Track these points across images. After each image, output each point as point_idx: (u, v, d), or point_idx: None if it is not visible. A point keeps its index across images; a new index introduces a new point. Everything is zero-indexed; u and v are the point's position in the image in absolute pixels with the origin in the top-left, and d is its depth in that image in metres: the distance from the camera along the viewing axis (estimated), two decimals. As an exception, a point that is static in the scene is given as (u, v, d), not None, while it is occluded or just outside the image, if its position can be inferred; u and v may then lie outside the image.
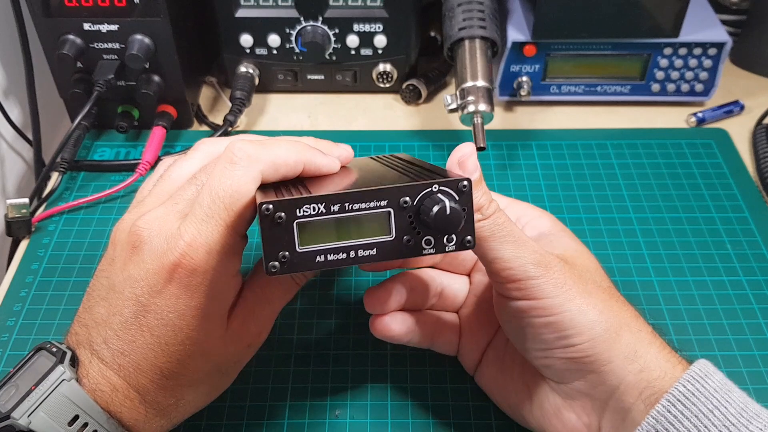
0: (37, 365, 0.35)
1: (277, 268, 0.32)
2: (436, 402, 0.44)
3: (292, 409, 0.44)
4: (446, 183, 0.33)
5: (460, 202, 0.33)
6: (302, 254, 0.33)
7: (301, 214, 0.32)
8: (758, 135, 0.61)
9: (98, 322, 0.36)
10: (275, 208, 0.32)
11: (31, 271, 0.52)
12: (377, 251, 0.33)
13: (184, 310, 0.34)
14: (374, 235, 0.33)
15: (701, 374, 0.35)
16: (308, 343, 0.47)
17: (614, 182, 0.59)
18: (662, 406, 0.34)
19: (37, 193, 0.58)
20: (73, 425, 0.33)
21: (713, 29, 0.63)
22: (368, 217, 0.33)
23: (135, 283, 0.35)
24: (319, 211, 0.32)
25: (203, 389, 0.38)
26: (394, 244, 0.33)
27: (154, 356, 0.35)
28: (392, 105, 0.67)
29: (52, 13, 0.56)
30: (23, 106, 0.64)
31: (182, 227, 0.34)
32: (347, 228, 0.33)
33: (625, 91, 0.65)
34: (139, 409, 0.35)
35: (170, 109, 0.62)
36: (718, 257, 0.53)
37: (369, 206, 0.33)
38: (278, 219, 0.32)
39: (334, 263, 0.33)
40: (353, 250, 0.33)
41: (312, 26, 0.62)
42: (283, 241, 0.32)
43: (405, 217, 0.33)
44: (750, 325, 0.48)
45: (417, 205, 0.33)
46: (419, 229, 0.33)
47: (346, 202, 0.32)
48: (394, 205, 0.33)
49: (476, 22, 0.59)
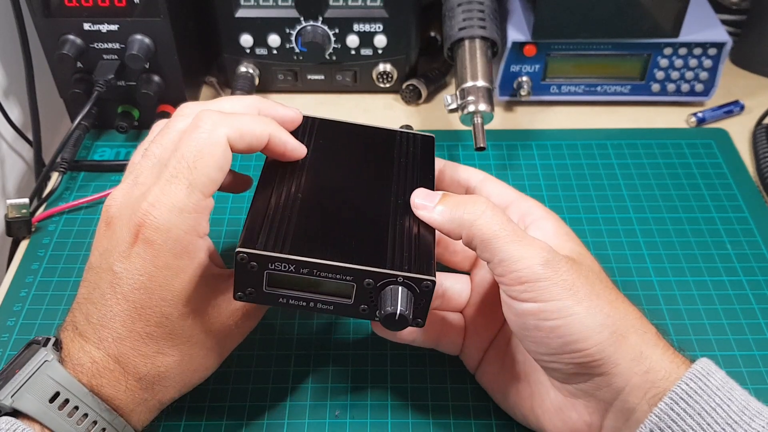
0: (25, 355, 0.36)
1: (242, 298, 0.37)
2: (436, 402, 0.44)
3: (293, 409, 0.44)
4: (410, 279, 0.35)
5: (418, 296, 0.36)
6: (267, 293, 0.36)
7: (272, 268, 0.35)
8: (758, 135, 0.61)
9: (80, 302, 0.37)
10: (249, 258, 0.35)
11: (31, 271, 0.52)
12: (334, 308, 0.37)
13: (152, 271, 0.35)
14: (334, 296, 0.36)
15: (703, 372, 0.35)
16: (308, 343, 0.47)
17: (614, 182, 0.59)
18: (665, 404, 0.34)
19: (37, 193, 0.58)
20: (54, 402, 0.34)
21: (713, 29, 0.63)
22: (333, 283, 0.36)
23: (108, 254, 0.36)
24: (289, 269, 0.35)
25: (187, 363, 0.38)
26: (351, 307, 0.37)
27: (132, 321, 0.36)
28: (392, 105, 0.67)
29: (52, 13, 0.56)
30: (23, 106, 0.64)
31: (146, 192, 0.35)
32: (312, 285, 0.36)
33: (625, 91, 0.65)
34: (120, 380, 0.36)
35: (170, 109, 0.62)
36: (718, 257, 0.53)
37: (335, 277, 0.35)
38: (251, 267, 0.35)
39: (292, 306, 0.37)
40: (313, 302, 0.37)
41: (312, 26, 0.62)
42: (251, 281, 0.36)
43: (366, 293, 0.36)
44: (750, 325, 0.48)
45: (379, 288, 0.36)
46: (375, 302, 0.36)
47: (315, 269, 0.35)
48: (358, 282, 0.35)
49: (476, 22, 0.59)
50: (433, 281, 0.35)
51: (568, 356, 0.36)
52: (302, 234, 0.36)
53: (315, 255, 0.35)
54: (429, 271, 0.35)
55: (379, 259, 0.35)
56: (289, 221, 0.37)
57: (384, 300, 0.35)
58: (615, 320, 0.36)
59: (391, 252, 0.36)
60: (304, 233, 0.36)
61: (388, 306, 0.35)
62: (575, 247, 0.40)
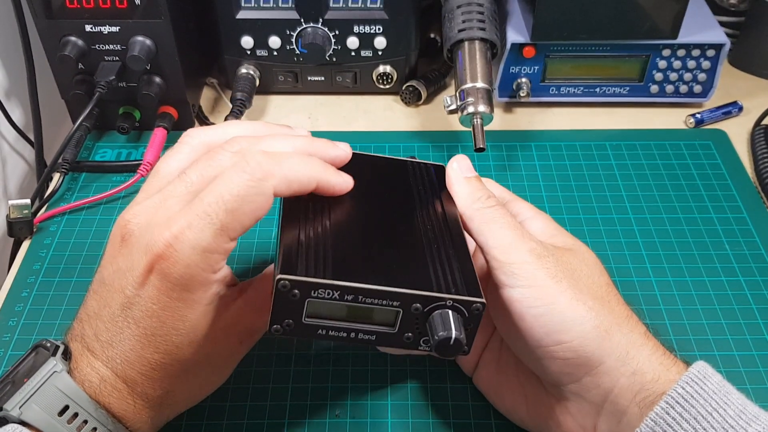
0: (32, 361, 0.36)
1: (279, 332, 0.34)
2: (436, 402, 0.44)
3: (293, 409, 0.44)
4: (460, 302, 0.34)
5: (467, 320, 0.34)
6: (306, 325, 0.34)
7: (314, 295, 0.33)
8: (756, 136, 0.62)
9: (90, 315, 0.36)
10: (292, 286, 0.32)
11: (33, 271, 0.52)
12: (376, 338, 0.35)
13: (166, 302, 0.34)
14: (378, 325, 0.34)
15: (700, 376, 0.34)
16: (308, 343, 0.48)
17: (613, 183, 0.59)
18: (661, 408, 0.34)
19: (38, 194, 0.58)
20: (63, 415, 0.34)
21: (712, 31, 0.63)
22: (378, 310, 0.34)
23: (121, 274, 0.35)
24: (333, 297, 0.33)
25: (194, 383, 0.38)
26: (394, 336, 0.35)
27: (141, 347, 0.35)
28: (392, 106, 0.67)
29: (54, 15, 0.56)
30: (25, 107, 0.64)
31: (172, 219, 0.34)
32: (354, 313, 0.34)
33: (623, 93, 0.65)
34: (128, 400, 0.36)
35: (171, 111, 0.62)
36: (717, 258, 0.53)
37: (381, 303, 0.33)
38: (293, 296, 0.33)
39: (332, 338, 0.34)
40: (354, 332, 0.34)
41: (312, 28, 0.62)
42: (291, 311, 0.33)
43: (412, 319, 0.34)
44: (748, 325, 0.48)
45: (426, 313, 0.34)
46: (421, 330, 0.34)
47: (360, 294, 0.33)
48: (404, 307, 0.34)
49: (476, 23, 0.60)
50: (483, 303, 0.34)
51: (552, 349, 0.36)
52: (341, 260, 0.34)
53: (360, 280, 0.33)
54: (478, 293, 0.34)
55: (426, 283, 0.34)
56: (326, 248, 0.35)
57: (434, 325, 0.33)
58: (597, 315, 0.36)
59: (434, 275, 0.35)
60: (343, 259, 0.34)
61: (440, 331, 0.33)
62: (568, 240, 0.40)
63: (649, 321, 0.48)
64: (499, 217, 0.38)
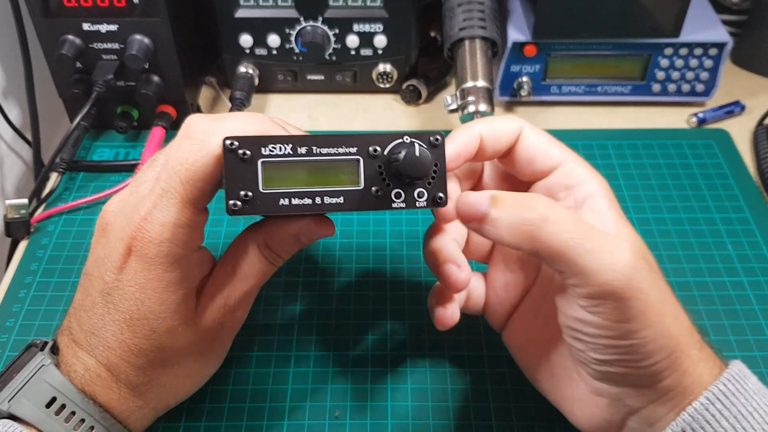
0: (23, 358, 0.36)
1: (238, 207, 0.32)
2: (436, 403, 0.44)
3: (292, 411, 0.44)
4: (418, 135, 0.33)
5: (432, 154, 0.32)
6: (265, 195, 0.32)
7: (266, 153, 0.32)
8: (759, 135, 0.61)
9: (75, 308, 0.37)
10: (240, 144, 0.31)
11: (30, 271, 0.52)
12: (344, 200, 0.33)
13: (143, 283, 0.35)
14: (342, 184, 0.33)
15: (740, 375, 0.34)
16: (308, 344, 0.47)
17: (615, 183, 0.59)
18: (700, 404, 0.33)
19: (36, 194, 0.57)
20: (51, 407, 0.34)
21: (714, 29, 0.62)
22: (336, 163, 0.32)
23: (100, 262, 0.36)
24: (286, 152, 0.32)
25: (179, 371, 0.38)
26: (362, 193, 0.33)
27: (121, 332, 0.35)
28: (392, 105, 0.67)
29: (52, 14, 0.56)
30: (22, 106, 0.64)
31: (140, 204, 0.35)
32: (314, 174, 0.32)
33: (625, 92, 0.65)
34: (113, 388, 0.36)
35: (170, 110, 0.62)
36: (719, 258, 0.53)
37: (337, 152, 0.32)
38: (243, 156, 0.31)
39: (298, 208, 0.32)
40: (319, 197, 0.33)
41: (312, 26, 0.62)
42: (246, 179, 0.32)
43: (374, 167, 0.33)
44: (750, 326, 0.48)
45: (387, 156, 0.32)
46: (389, 181, 0.33)
47: (313, 145, 0.32)
48: (363, 154, 0.32)
49: (476, 22, 0.59)
50: (442, 134, 0.33)
51: (627, 364, 0.33)
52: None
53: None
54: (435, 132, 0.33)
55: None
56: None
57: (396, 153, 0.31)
58: (676, 341, 0.33)
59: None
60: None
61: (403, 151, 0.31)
62: (631, 235, 0.35)
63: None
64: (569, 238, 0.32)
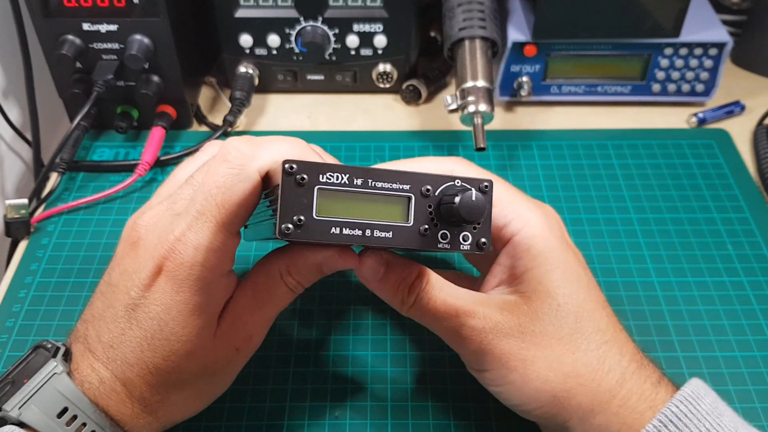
0: (32, 362, 0.36)
1: (290, 231, 0.31)
2: (435, 403, 0.44)
3: (292, 411, 0.44)
4: (468, 180, 0.33)
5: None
6: (318, 222, 0.32)
7: (323, 180, 0.32)
8: (759, 135, 0.61)
9: (95, 317, 0.36)
10: (299, 169, 0.31)
11: (30, 271, 0.52)
12: (393, 235, 0.33)
13: (170, 305, 0.34)
14: (392, 219, 0.33)
15: (693, 396, 0.34)
16: (308, 344, 0.47)
17: (615, 183, 0.59)
18: (653, 427, 0.34)
19: (36, 194, 0.57)
20: (62, 417, 0.34)
21: (714, 29, 0.62)
22: (389, 198, 0.33)
23: (128, 276, 0.35)
24: (342, 182, 0.32)
25: (190, 392, 0.38)
26: (410, 231, 0.33)
27: (141, 350, 0.35)
28: (392, 105, 0.67)
29: (51, 14, 0.56)
30: (22, 106, 0.64)
31: (174, 223, 0.34)
32: (366, 205, 0.33)
33: (625, 92, 0.65)
34: (126, 403, 0.36)
35: (170, 110, 0.62)
36: (719, 258, 0.52)
37: (391, 187, 0.33)
38: (300, 180, 0.31)
39: (348, 238, 0.32)
40: (369, 229, 0.33)
41: (312, 26, 0.62)
42: (300, 204, 0.32)
43: (425, 206, 0.33)
44: (750, 326, 0.48)
45: (438, 196, 0.33)
46: (437, 221, 0.33)
47: (369, 177, 0.32)
48: (415, 191, 0.33)
49: (476, 22, 0.59)
50: (491, 180, 0.34)
51: (520, 413, 0.38)
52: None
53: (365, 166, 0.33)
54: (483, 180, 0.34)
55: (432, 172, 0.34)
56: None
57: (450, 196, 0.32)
58: (555, 385, 0.36)
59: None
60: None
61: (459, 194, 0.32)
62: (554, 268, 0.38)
63: (651, 322, 0.48)
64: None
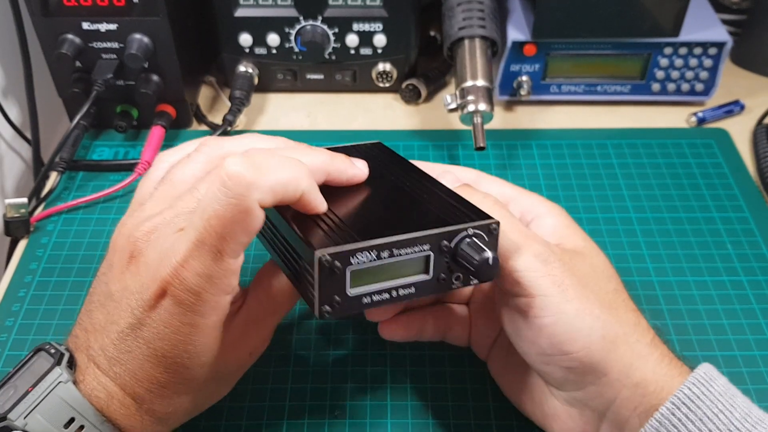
0: (35, 366, 0.35)
1: (330, 313, 0.34)
2: (435, 402, 0.44)
3: (292, 410, 0.44)
4: (479, 227, 0.35)
5: (489, 242, 0.35)
6: (351, 298, 0.34)
7: (354, 262, 0.33)
8: (759, 135, 0.61)
9: (96, 329, 0.35)
10: (333, 258, 0.33)
11: (30, 271, 0.52)
12: (415, 289, 0.35)
13: (178, 326, 0.33)
14: (414, 275, 0.35)
15: (706, 378, 0.34)
16: (308, 344, 0.47)
17: (614, 182, 0.59)
18: (667, 409, 0.34)
19: (35, 193, 0.57)
20: (68, 428, 0.33)
21: (714, 29, 0.62)
22: (411, 260, 0.35)
23: (131, 295, 0.34)
24: (371, 259, 0.34)
25: (200, 397, 0.38)
26: (430, 282, 0.35)
27: (150, 367, 0.34)
28: (392, 105, 0.67)
29: (51, 13, 0.56)
30: (22, 105, 0.64)
31: (176, 244, 0.33)
32: (392, 271, 0.35)
33: (625, 91, 0.65)
34: (135, 416, 0.35)
35: (169, 109, 0.62)
36: (719, 257, 0.53)
37: (413, 251, 0.34)
38: (335, 269, 0.33)
39: (378, 303, 0.35)
40: (395, 290, 0.35)
41: (311, 26, 0.62)
42: (335, 287, 0.34)
43: (442, 259, 0.35)
44: (750, 325, 0.48)
45: (454, 248, 0.35)
46: (452, 267, 0.35)
47: (394, 248, 0.34)
48: (434, 249, 0.35)
49: (476, 21, 0.59)
50: (497, 222, 0.35)
51: (557, 358, 0.36)
52: (361, 227, 0.35)
53: (389, 234, 0.34)
54: (487, 216, 0.36)
55: (443, 222, 0.35)
56: (337, 222, 0.35)
57: (469, 254, 0.34)
58: (606, 324, 0.35)
59: (444, 215, 0.36)
60: (361, 226, 0.35)
61: (477, 255, 0.34)
62: (578, 240, 0.39)
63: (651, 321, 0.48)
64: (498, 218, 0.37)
